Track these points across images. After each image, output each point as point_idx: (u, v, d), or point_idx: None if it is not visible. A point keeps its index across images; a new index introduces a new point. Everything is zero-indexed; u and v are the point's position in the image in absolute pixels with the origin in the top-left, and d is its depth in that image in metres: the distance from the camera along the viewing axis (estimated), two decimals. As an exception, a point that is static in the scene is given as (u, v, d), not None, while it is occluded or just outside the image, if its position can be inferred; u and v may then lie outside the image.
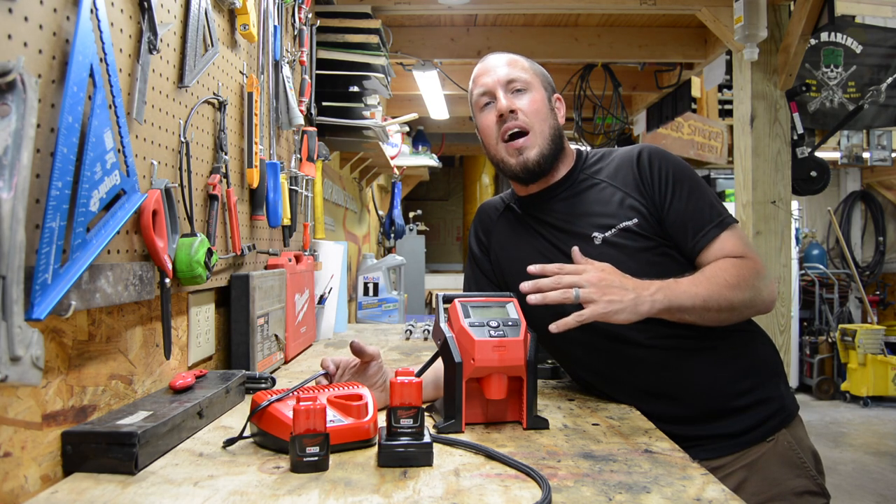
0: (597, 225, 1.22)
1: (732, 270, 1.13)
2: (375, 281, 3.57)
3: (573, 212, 1.26)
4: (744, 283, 1.12)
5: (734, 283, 1.11)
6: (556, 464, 0.86)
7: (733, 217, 1.22)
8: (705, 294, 1.09)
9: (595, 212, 1.23)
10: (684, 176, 1.23)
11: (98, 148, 0.82)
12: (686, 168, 1.25)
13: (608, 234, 1.21)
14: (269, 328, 1.52)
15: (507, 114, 1.23)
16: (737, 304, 1.12)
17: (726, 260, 1.15)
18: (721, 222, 1.20)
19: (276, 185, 1.60)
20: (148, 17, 0.99)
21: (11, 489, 0.72)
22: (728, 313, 1.13)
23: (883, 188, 7.39)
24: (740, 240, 1.20)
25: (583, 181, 1.28)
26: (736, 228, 1.21)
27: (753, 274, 1.14)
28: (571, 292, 1.02)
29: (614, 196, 1.23)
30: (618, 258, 1.18)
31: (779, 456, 1.17)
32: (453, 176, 8.74)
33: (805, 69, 3.11)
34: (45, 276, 0.70)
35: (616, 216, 1.21)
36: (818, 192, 2.97)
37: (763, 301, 1.16)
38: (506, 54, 1.30)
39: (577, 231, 1.23)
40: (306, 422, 0.82)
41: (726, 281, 1.11)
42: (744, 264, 1.15)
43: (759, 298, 1.15)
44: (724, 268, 1.13)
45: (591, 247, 1.21)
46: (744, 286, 1.12)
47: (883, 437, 4.89)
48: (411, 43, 3.53)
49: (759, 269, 1.16)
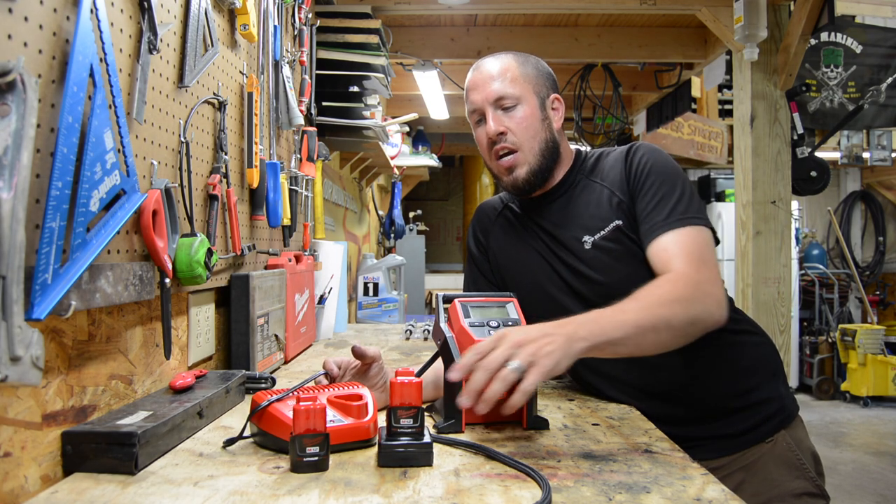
0: (588, 228, 1.21)
1: (667, 286, 1.02)
2: (375, 281, 3.57)
3: (566, 215, 1.25)
4: (681, 298, 1.00)
5: (669, 300, 0.99)
6: (556, 464, 0.86)
7: (703, 221, 1.14)
8: (635, 318, 0.95)
9: (587, 214, 1.23)
10: (662, 171, 1.18)
11: (98, 148, 0.82)
12: (668, 165, 1.20)
13: (597, 238, 1.20)
14: (269, 328, 1.52)
15: (497, 136, 1.21)
16: (675, 322, 0.98)
17: (662, 276, 1.06)
18: (678, 221, 1.12)
19: (276, 185, 1.60)
20: (148, 17, 0.99)
21: (11, 489, 0.72)
22: (668, 334, 0.98)
23: (883, 188, 7.39)
24: (692, 243, 1.10)
25: (578, 183, 1.27)
26: (694, 231, 1.12)
27: (692, 286, 1.02)
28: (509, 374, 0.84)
29: (604, 196, 1.22)
30: (606, 262, 1.17)
31: (777, 457, 1.17)
32: (453, 176, 8.75)
33: (805, 69, 3.12)
34: (45, 276, 0.70)
35: (607, 218, 1.20)
36: (818, 192, 2.97)
37: (711, 314, 1.03)
38: (498, 61, 1.24)
39: (569, 236, 1.23)
40: (306, 422, 0.82)
41: (660, 298, 0.99)
42: (680, 277, 1.04)
43: (705, 312, 1.02)
44: (657, 285, 1.03)
45: (582, 251, 1.21)
46: (682, 301, 0.99)
47: (883, 437, 4.89)
48: (411, 43, 3.53)
49: (701, 281, 1.04)
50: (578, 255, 1.21)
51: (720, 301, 1.05)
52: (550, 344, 0.86)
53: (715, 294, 1.05)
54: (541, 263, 1.27)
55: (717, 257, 1.13)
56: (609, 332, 0.92)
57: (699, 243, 1.11)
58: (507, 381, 0.83)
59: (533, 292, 1.26)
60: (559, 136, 1.28)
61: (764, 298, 2.77)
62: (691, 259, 1.08)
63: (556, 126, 1.27)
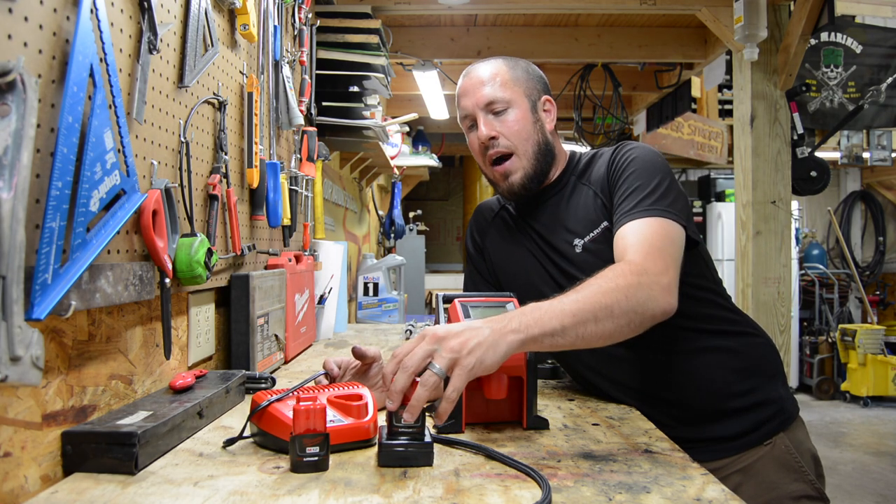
0: (578, 231, 1.21)
1: (609, 275, 0.97)
2: (375, 281, 3.57)
3: (557, 218, 1.25)
4: (624, 286, 0.95)
5: (611, 288, 0.94)
6: (556, 464, 0.86)
7: (673, 215, 1.09)
8: (573, 308, 0.90)
9: (577, 217, 1.23)
10: (641, 166, 1.16)
11: (98, 148, 0.82)
12: (650, 161, 1.17)
13: (587, 241, 1.20)
14: (269, 328, 1.52)
15: (489, 141, 1.21)
16: (617, 310, 0.92)
17: (609, 267, 1.01)
18: (644, 211, 1.09)
19: (276, 185, 1.60)
20: (148, 17, 0.99)
21: (11, 489, 0.72)
22: (611, 322, 0.93)
23: (883, 188, 7.39)
24: (651, 234, 1.06)
25: (569, 185, 1.27)
26: (658, 222, 1.08)
27: (636, 275, 0.98)
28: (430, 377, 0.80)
29: (592, 199, 1.22)
30: (597, 264, 1.17)
31: (776, 460, 1.16)
32: (453, 176, 8.74)
33: (805, 69, 3.12)
34: (45, 276, 0.70)
35: (596, 220, 1.20)
36: (818, 192, 2.97)
37: (656, 301, 0.98)
38: (488, 66, 1.24)
39: (560, 239, 1.23)
40: (306, 422, 0.82)
41: (600, 287, 0.94)
42: (626, 266, 1.00)
43: (650, 300, 0.97)
44: (601, 275, 0.98)
45: (573, 254, 1.21)
46: (624, 288, 0.95)
47: (883, 437, 4.89)
48: (411, 43, 3.53)
49: (648, 269, 0.99)
50: (569, 258, 1.22)
51: (667, 287, 1.00)
52: (475, 338, 0.82)
53: (661, 282, 0.99)
54: (534, 265, 1.28)
55: (679, 251, 1.08)
56: (545, 323, 0.87)
57: (659, 235, 1.06)
58: (428, 384, 0.79)
59: (528, 293, 1.25)
60: (552, 137, 1.28)
61: (764, 298, 2.77)
62: (644, 248, 1.04)
63: (548, 128, 1.27)
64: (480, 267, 1.40)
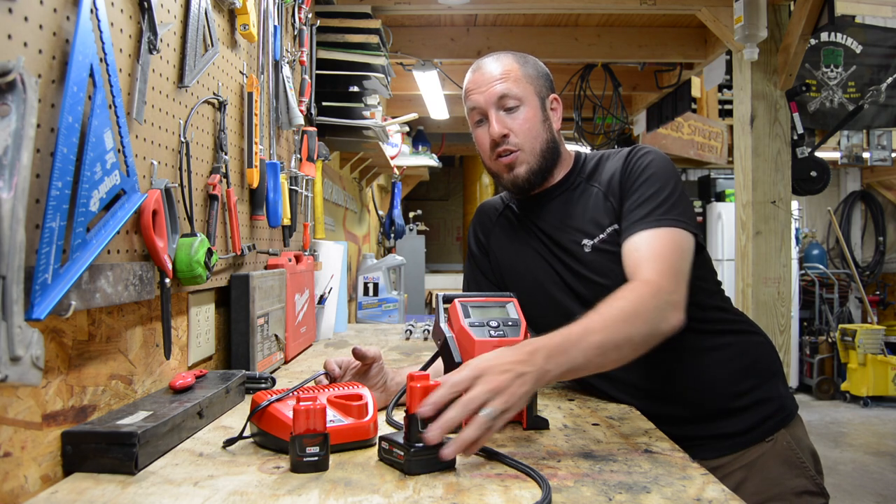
0: (587, 232, 1.21)
1: (630, 297, 1.00)
2: (375, 281, 3.57)
3: (564, 218, 1.25)
4: (643, 311, 0.98)
5: (632, 314, 0.97)
6: (556, 464, 0.86)
7: (684, 223, 1.11)
8: (599, 340, 0.93)
9: (586, 218, 1.22)
10: (656, 173, 1.17)
11: (98, 148, 0.82)
12: (665, 168, 1.18)
13: (597, 241, 1.19)
14: (269, 328, 1.52)
15: (500, 138, 1.20)
16: (637, 338, 0.97)
17: (626, 287, 1.03)
18: (656, 220, 1.10)
19: (276, 185, 1.60)
20: (148, 17, 0.99)
21: (11, 489, 0.72)
22: (629, 349, 0.98)
23: (883, 188, 7.39)
24: (663, 247, 1.09)
25: (577, 186, 1.27)
26: (670, 233, 1.10)
27: (654, 298, 1.01)
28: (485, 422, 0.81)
29: (602, 200, 1.22)
30: (608, 265, 1.17)
31: (778, 456, 1.17)
32: (453, 176, 8.74)
33: (805, 69, 3.12)
34: (45, 276, 0.70)
35: (605, 222, 1.19)
36: (818, 192, 2.97)
37: (668, 322, 1.01)
38: (499, 61, 1.23)
39: (568, 239, 1.23)
40: (306, 422, 0.82)
41: (623, 313, 0.97)
42: (644, 287, 1.03)
43: (664, 322, 1.01)
44: (621, 296, 1.00)
45: (583, 255, 1.20)
46: (643, 314, 0.98)
47: (883, 437, 4.89)
48: (411, 43, 3.53)
49: (663, 289, 1.02)
50: (579, 258, 1.21)
51: (677, 304, 1.03)
52: (523, 386, 0.84)
53: (673, 300, 1.03)
54: (541, 264, 1.27)
55: (689, 264, 1.10)
56: (574, 360, 0.91)
57: (671, 247, 1.09)
58: (481, 427, 0.80)
59: (534, 293, 1.25)
60: (558, 136, 1.28)
61: (764, 298, 2.77)
62: (658, 265, 1.06)
63: (555, 127, 1.27)
64: (484, 267, 1.40)
